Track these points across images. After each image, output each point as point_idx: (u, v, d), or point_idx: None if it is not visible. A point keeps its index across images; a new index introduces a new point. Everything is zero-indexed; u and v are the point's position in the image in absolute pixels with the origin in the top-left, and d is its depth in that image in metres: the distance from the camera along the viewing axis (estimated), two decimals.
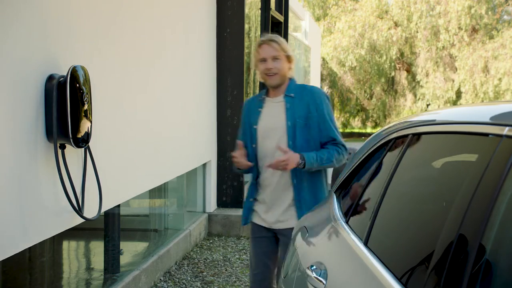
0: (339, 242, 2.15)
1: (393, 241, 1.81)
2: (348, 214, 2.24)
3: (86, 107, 2.98)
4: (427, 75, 21.65)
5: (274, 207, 3.10)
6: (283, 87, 3.10)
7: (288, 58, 3.08)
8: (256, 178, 3.17)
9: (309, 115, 3.02)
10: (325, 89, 23.17)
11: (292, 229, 3.00)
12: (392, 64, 22.43)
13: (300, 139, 3.01)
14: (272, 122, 3.06)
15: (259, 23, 7.88)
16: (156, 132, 4.60)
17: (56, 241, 4.09)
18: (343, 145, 3.09)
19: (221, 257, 5.52)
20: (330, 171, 3.20)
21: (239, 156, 3.05)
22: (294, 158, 2.92)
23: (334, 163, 3.05)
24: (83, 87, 2.94)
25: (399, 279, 1.54)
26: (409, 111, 22.40)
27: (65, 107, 2.83)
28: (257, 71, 3.13)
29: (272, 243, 3.21)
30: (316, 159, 2.98)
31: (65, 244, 4.52)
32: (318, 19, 24.07)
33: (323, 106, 3.06)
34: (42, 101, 2.80)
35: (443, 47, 21.29)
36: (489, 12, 20.74)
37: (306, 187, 3.06)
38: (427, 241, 1.55)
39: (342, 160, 3.08)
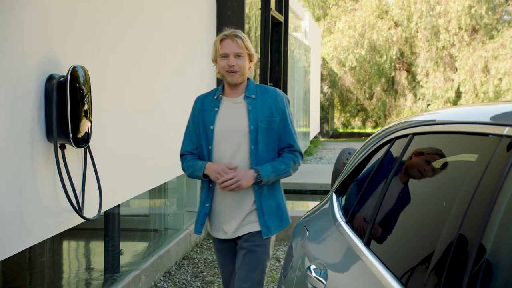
0: (339, 242, 2.15)
1: (393, 241, 1.81)
2: (348, 214, 2.24)
3: (86, 107, 2.98)
4: (427, 75, 21.66)
5: (235, 215, 2.90)
6: (242, 87, 2.93)
7: (250, 57, 2.90)
8: (211, 181, 2.93)
9: (272, 119, 2.87)
10: (325, 89, 23.18)
11: (251, 233, 2.89)
12: (392, 64, 22.44)
13: (262, 144, 2.86)
14: (232, 124, 2.87)
15: (259, 23, 7.88)
16: (156, 132, 4.60)
17: (56, 241, 4.09)
18: (300, 152, 2.96)
19: None
20: (330, 170, 3.18)
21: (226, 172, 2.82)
22: (247, 175, 2.79)
23: (290, 173, 2.92)
24: (83, 87, 2.94)
25: (399, 279, 1.54)
26: (409, 111, 22.41)
27: (65, 107, 2.83)
28: (215, 66, 2.94)
29: (235, 250, 3.03)
30: (272, 171, 2.84)
31: (65, 244, 4.52)
32: (318, 19, 24.07)
33: (286, 111, 2.92)
34: (42, 101, 2.80)
35: (443, 47, 21.29)
36: (489, 12, 20.74)
37: (266, 192, 2.91)
38: (427, 241, 1.55)
39: (297, 168, 2.97)
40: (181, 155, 3.04)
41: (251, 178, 2.80)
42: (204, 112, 2.94)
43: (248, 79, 2.95)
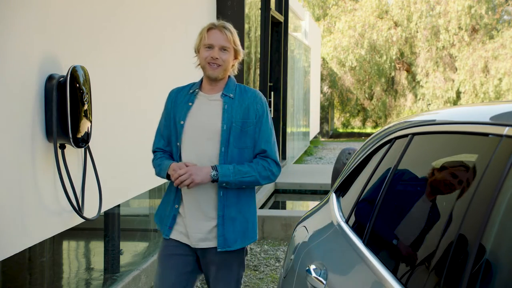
0: (339, 242, 2.15)
1: (393, 241, 1.81)
2: (348, 214, 2.24)
3: (86, 107, 2.98)
4: (427, 75, 21.67)
5: (203, 221, 2.63)
6: (221, 84, 2.70)
7: (236, 53, 2.68)
8: None
9: (247, 121, 2.65)
10: (325, 89, 23.18)
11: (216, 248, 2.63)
12: (392, 64, 22.45)
13: (233, 147, 2.63)
14: (204, 121, 2.65)
15: (259, 23, 7.89)
16: None
17: (56, 241, 4.08)
18: (274, 161, 2.68)
19: None
20: (330, 170, 3.13)
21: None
22: (201, 170, 2.55)
23: (258, 180, 2.63)
24: (83, 87, 2.94)
25: (399, 279, 1.54)
26: (409, 111, 22.41)
27: (65, 107, 2.84)
28: (196, 56, 2.74)
29: (188, 264, 2.70)
30: (233, 172, 2.58)
31: (65, 244, 4.52)
32: (318, 19, 24.07)
33: (265, 114, 2.70)
34: (42, 101, 2.81)
35: (443, 47, 21.30)
36: (489, 12, 20.76)
37: (234, 202, 2.65)
38: (427, 241, 1.55)
39: (270, 177, 2.67)
40: (153, 152, 2.81)
41: (206, 174, 2.54)
42: (176, 106, 2.74)
43: (229, 76, 2.74)
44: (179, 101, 2.74)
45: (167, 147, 2.76)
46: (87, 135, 3.02)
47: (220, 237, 2.61)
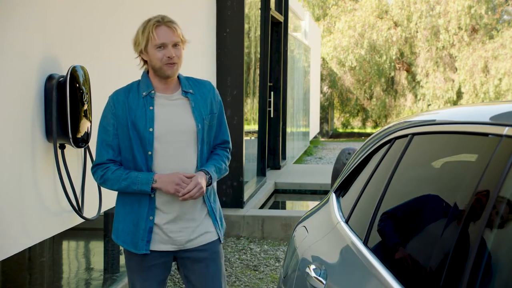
0: (339, 242, 2.15)
1: (393, 241, 1.81)
2: (348, 214, 2.24)
3: (85, 107, 2.98)
4: (427, 75, 21.66)
5: (188, 224, 2.57)
6: (174, 81, 2.56)
7: (183, 46, 2.55)
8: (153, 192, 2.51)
9: (213, 115, 2.61)
10: (325, 89, 23.19)
11: (211, 243, 2.63)
12: (392, 64, 22.44)
13: (205, 143, 2.60)
14: (176, 124, 2.52)
15: (259, 23, 7.89)
16: None
17: (56, 241, 4.09)
18: (230, 148, 2.73)
19: None
20: (330, 170, 3.13)
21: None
22: (203, 178, 2.51)
23: (227, 172, 2.70)
24: (83, 87, 2.94)
25: (399, 279, 1.54)
26: (409, 111, 22.41)
27: (65, 107, 2.84)
28: (139, 57, 2.59)
29: (167, 269, 2.64)
30: (215, 171, 2.59)
31: (65, 244, 4.52)
32: (318, 19, 24.07)
33: (222, 104, 2.69)
34: (42, 101, 2.81)
35: (443, 47, 21.30)
36: (489, 12, 20.75)
37: (210, 195, 2.65)
38: (427, 241, 1.55)
39: (228, 165, 2.73)
40: (98, 164, 2.53)
41: (205, 182, 2.52)
42: (132, 111, 2.49)
43: None
44: (134, 106, 2.50)
45: (117, 157, 2.53)
46: (87, 135, 3.02)
47: (219, 230, 2.66)
